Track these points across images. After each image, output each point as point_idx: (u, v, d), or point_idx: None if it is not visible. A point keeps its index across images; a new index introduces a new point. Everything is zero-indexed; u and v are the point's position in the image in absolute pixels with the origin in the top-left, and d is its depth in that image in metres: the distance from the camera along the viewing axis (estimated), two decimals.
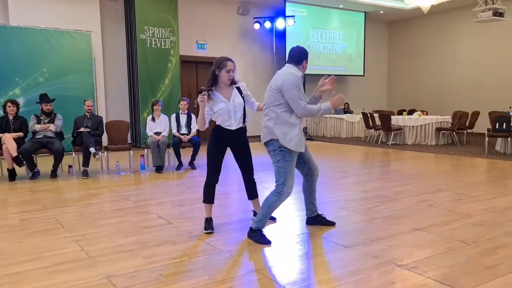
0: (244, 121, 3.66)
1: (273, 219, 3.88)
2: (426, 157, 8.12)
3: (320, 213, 3.76)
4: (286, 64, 3.51)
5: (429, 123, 10.26)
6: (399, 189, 5.21)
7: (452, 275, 2.63)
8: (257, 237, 3.32)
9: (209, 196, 3.66)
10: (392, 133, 10.28)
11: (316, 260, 2.94)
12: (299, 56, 3.45)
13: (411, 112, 11.83)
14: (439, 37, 13.50)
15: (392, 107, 14.46)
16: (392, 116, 10.49)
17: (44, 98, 6.42)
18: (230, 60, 3.60)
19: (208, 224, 3.62)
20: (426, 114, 10.87)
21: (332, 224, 3.71)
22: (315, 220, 3.73)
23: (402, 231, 3.52)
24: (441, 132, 10.16)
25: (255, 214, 3.84)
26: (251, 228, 3.40)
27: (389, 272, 2.67)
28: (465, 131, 10.54)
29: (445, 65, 13.45)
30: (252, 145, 3.86)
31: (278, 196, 3.27)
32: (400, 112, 12.06)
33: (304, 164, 3.58)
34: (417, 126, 10.29)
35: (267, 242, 3.27)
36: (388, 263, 2.82)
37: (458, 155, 8.26)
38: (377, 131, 10.81)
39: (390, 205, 4.38)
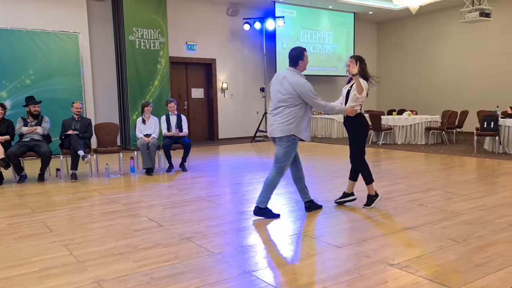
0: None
1: (278, 216, 4.04)
2: (416, 156, 8.18)
3: (313, 198, 4.27)
4: (287, 67, 4.00)
5: (418, 123, 10.34)
6: (390, 188, 5.23)
7: (443, 273, 2.64)
8: (268, 213, 3.95)
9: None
10: (383, 133, 10.34)
11: (308, 260, 2.93)
12: (294, 58, 3.92)
13: (400, 112, 11.91)
14: (428, 37, 13.63)
15: (382, 107, 14.56)
16: (382, 116, 10.55)
17: (31, 100, 6.33)
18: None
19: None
20: (416, 114, 10.95)
21: (320, 207, 4.26)
22: (313, 205, 4.22)
23: (394, 230, 3.53)
24: (431, 131, 10.25)
25: (345, 195, 4.44)
26: (260, 208, 3.96)
27: (381, 272, 2.68)
28: (454, 130, 10.64)
29: (434, 65, 13.58)
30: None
31: (281, 174, 3.95)
32: (390, 112, 12.14)
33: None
34: (407, 125, 10.37)
35: (277, 216, 3.98)
36: (380, 263, 2.82)
37: (447, 154, 8.34)
38: (368, 131, 10.84)
39: (382, 205, 4.40)
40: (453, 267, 2.73)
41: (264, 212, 3.98)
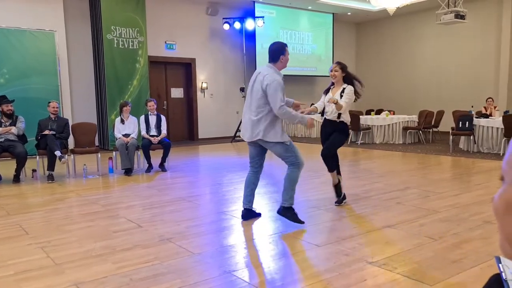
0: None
1: (259, 215, 4.03)
2: (394, 156, 8.33)
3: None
4: (267, 64, 3.76)
5: (396, 123, 10.52)
6: (369, 187, 5.31)
7: (420, 270, 2.70)
8: (292, 215, 3.67)
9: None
10: (361, 133, 10.48)
11: (288, 259, 2.95)
12: (275, 53, 3.69)
13: (379, 111, 12.10)
14: (405, 38, 13.89)
15: (360, 107, 14.74)
16: (360, 116, 10.70)
17: (3, 99, 6.16)
18: None
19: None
20: (394, 114, 11.14)
21: (258, 215, 4.00)
22: (251, 213, 3.97)
23: (372, 229, 3.59)
24: (408, 131, 10.44)
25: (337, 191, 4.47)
26: (283, 207, 3.69)
27: (360, 269, 2.72)
28: (430, 130, 10.88)
29: (411, 65, 13.85)
30: None
31: (298, 168, 3.69)
32: (368, 112, 12.31)
33: (262, 157, 3.89)
34: (385, 125, 10.54)
35: (301, 222, 3.65)
36: (359, 261, 2.86)
37: (424, 153, 8.52)
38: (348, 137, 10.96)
39: (361, 203, 4.46)
40: (430, 264, 2.79)
41: (289, 212, 3.67)
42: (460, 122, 8.62)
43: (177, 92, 11.84)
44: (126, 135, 6.61)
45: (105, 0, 9.43)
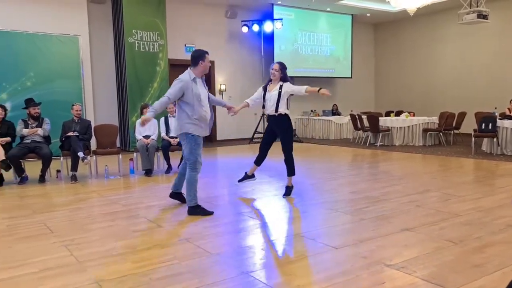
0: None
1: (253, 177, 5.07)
2: (414, 158, 8.22)
3: (183, 192, 4.47)
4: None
5: (416, 124, 10.37)
6: (388, 189, 5.26)
7: (440, 274, 2.67)
8: (200, 211, 4.14)
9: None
10: (380, 134, 10.37)
11: (305, 261, 2.95)
12: (194, 59, 4.21)
13: (398, 113, 11.95)
14: (425, 38, 13.69)
15: (380, 109, 14.60)
16: (380, 118, 10.59)
17: (30, 102, 6.35)
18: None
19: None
20: (413, 115, 10.99)
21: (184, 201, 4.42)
22: (178, 196, 4.54)
23: (391, 232, 3.55)
24: (428, 133, 10.28)
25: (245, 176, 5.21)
26: (190, 207, 4.16)
27: (378, 272, 2.70)
28: (451, 132, 10.68)
29: (431, 66, 13.63)
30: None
31: (197, 171, 4.21)
32: (387, 114, 12.18)
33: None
34: (404, 127, 10.41)
35: (210, 213, 4.15)
36: (377, 263, 2.85)
37: (445, 156, 8.38)
38: (365, 133, 10.90)
39: (379, 206, 4.43)
40: (451, 268, 2.75)
41: (197, 211, 4.17)
42: (483, 124, 8.44)
43: None
44: (147, 137, 6.72)
45: (127, 4, 9.62)
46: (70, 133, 6.30)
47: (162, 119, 6.99)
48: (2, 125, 6.12)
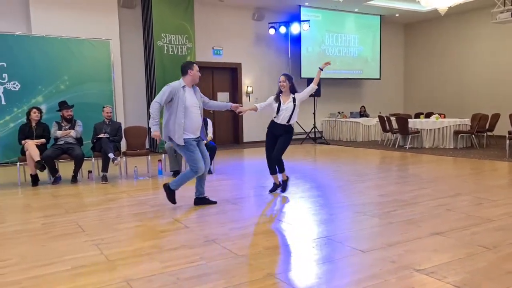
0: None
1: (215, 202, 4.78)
2: (444, 161, 8.00)
3: (206, 195, 4.77)
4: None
5: (447, 126, 10.10)
6: (417, 193, 5.15)
7: (472, 280, 2.59)
8: (170, 196, 4.57)
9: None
10: (409, 137, 10.16)
11: (332, 264, 2.93)
12: (183, 69, 4.53)
13: (428, 115, 11.67)
14: (457, 38, 13.32)
15: (409, 110, 14.30)
16: (409, 119, 10.38)
17: (63, 105, 6.57)
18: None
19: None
20: (444, 117, 10.71)
21: (214, 202, 4.73)
22: (202, 200, 4.71)
23: (420, 236, 3.48)
24: (460, 135, 9.99)
25: (275, 186, 5.28)
26: (169, 188, 4.55)
27: (407, 277, 2.65)
28: (485, 134, 10.34)
29: (463, 67, 13.25)
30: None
31: (197, 173, 4.48)
32: (417, 115, 11.92)
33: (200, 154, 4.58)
34: (434, 129, 10.15)
35: (174, 202, 4.59)
36: (406, 268, 2.79)
37: (477, 159, 8.12)
38: (394, 135, 10.70)
39: (408, 209, 4.34)
40: (483, 274, 2.67)
41: (170, 192, 4.60)
42: None
43: (223, 97, 12.06)
44: None
45: (157, 8, 9.81)
46: (101, 135, 6.48)
47: None
48: (38, 127, 6.36)
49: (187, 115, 4.40)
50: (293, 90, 5.15)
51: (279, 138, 5.08)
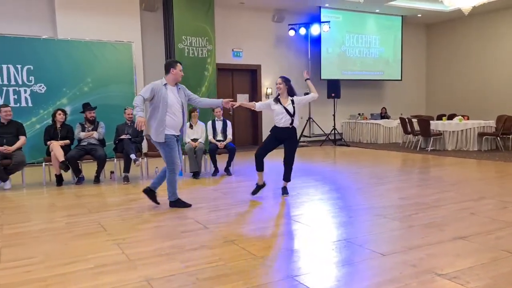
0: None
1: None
2: (468, 163, 7.83)
3: (157, 192, 4.87)
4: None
5: (470, 128, 9.89)
6: (439, 196, 5.06)
7: (496, 285, 2.53)
8: (180, 204, 4.68)
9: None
10: (432, 139, 9.98)
11: (352, 267, 2.91)
12: (166, 67, 4.67)
13: (451, 116, 11.45)
14: (481, 39, 13.02)
15: (431, 112, 14.04)
16: (431, 121, 10.19)
17: (87, 107, 6.72)
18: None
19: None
20: (468, 119, 10.48)
21: (157, 202, 4.84)
22: (150, 193, 4.83)
23: (442, 240, 3.41)
24: (484, 137, 9.76)
25: (258, 187, 5.19)
26: (172, 201, 4.70)
27: (429, 282, 2.61)
28: (510, 136, 10.07)
29: (487, 68, 12.94)
30: None
31: (174, 172, 4.68)
32: (439, 117, 11.70)
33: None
34: (457, 131, 9.95)
35: (189, 205, 4.69)
36: (427, 272, 2.75)
37: (503, 161, 7.91)
38: (416, 137, 10.53)
39: (429, 213, 4.27)
40: (508, 280, 2.61)
41: (178, 205, 4.72)
42: None
43: (242, 98, 12.10)
44: (194, 140, 6.90)
45: (178, 12, 9.94)
46: (123, 136, 6.60)
47: (210, 123, 7.15)
48: (62, 128, 6.53)
49: (169, 113, 4.50)
50: (291, 93, 5.18)
51: (284, 143, 5.12)
